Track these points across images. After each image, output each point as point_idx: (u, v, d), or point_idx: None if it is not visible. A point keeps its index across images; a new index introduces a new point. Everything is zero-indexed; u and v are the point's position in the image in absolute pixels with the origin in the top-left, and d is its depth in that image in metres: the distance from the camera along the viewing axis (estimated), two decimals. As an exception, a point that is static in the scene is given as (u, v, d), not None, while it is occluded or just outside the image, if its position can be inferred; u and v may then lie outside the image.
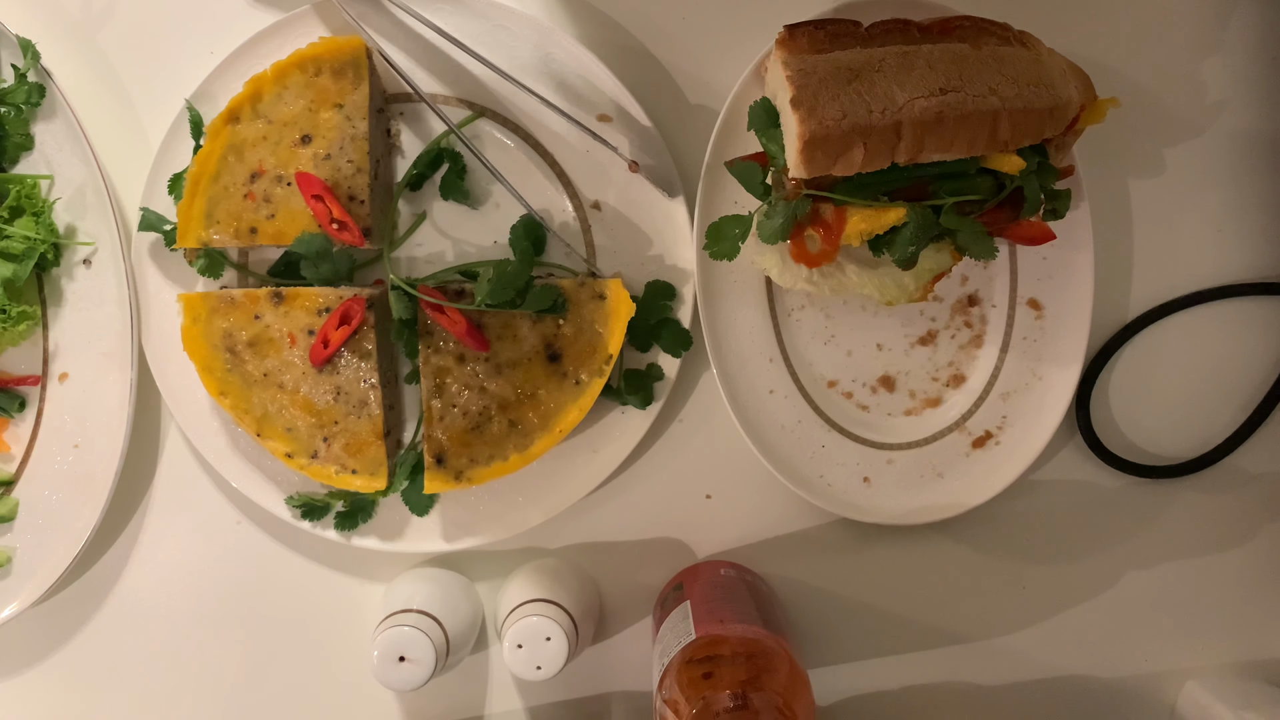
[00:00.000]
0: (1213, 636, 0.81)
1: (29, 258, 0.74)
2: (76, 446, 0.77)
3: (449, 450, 0.73)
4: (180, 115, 0.73)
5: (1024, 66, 0.66)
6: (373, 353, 0.73)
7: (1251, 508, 0.80)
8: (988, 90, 0.64)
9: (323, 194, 0.72)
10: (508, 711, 0.81)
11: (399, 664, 0.70)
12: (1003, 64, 0.65)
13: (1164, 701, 0.81)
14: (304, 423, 0.74)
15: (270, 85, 0.72)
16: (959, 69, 0.64)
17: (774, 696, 0.62)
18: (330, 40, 0.72)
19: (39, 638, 0.81)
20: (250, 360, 0.73)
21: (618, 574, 0.80)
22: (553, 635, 0.71)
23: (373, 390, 0.73)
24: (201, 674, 0.82)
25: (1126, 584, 0.81)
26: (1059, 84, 0.66)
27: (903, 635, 0.81)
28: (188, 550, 0.81)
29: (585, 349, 0.73)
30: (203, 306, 0.73)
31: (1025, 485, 0.79)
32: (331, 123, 0.72)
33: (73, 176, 0.76)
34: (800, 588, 0.80)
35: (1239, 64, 0.77)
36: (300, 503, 0.75)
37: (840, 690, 0.81)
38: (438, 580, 0.78)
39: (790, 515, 0.80)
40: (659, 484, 0.79)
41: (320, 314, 0.73)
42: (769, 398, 0.76)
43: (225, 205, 0.72)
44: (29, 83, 0.74)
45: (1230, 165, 0.77)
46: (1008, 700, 0.81)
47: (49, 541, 0.77)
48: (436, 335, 0.73)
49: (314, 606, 0.81)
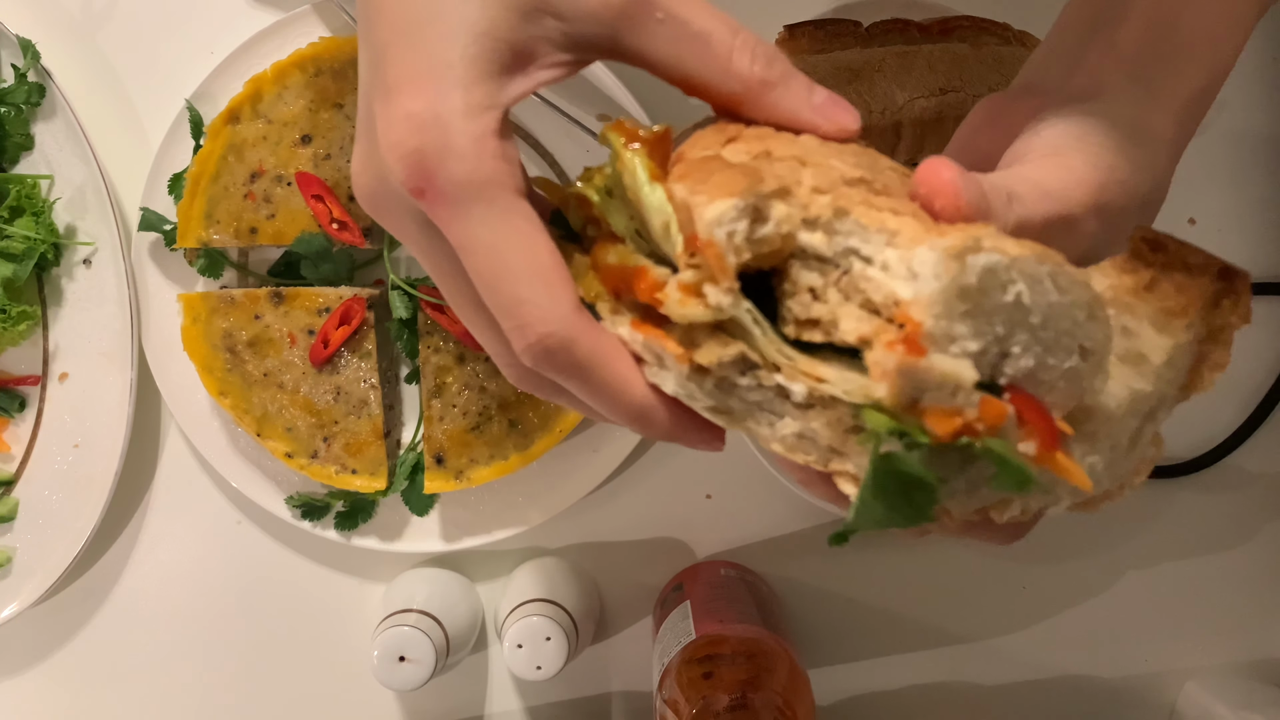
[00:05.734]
0: (1213, 636, 0.81)
1: (29, 258, 0.74)
2: (76, 446, 0.77)
3: (449, 450, 0.73)
4: (180, 115, 0.73)
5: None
6: (373, 353, 0.73)
7: (1251, 508, 0.80)
8: (988, 90, 0.64)
9: (323, 194, 0.72)
10: (508, 711, 0.81)
11: (399, 664, 0.70)
12: (1003, 64, 0.65)
13: (1164, 701, 0.81)
14: (304, 423, 0.74)
15: (270, 85, 0.72)
16: (959, 69, 0.64)
17: (774, 696, 0.62)
18: (330, 40, 0.72)
19: (39, 638, 0.81)
20: (250, 360, 0.73)
21: (618, 574, 0.80)
22: (553, 635, 0.71)
23: (373, 390, 0.73)
24: (201, 674, 0.82)
25: (1126, 584, 0.81)
26: (1059, 84, 0.66)
27: (903, 635, 0.81)
28: (188, 550, 0.81)
29: (585, 349, 0.73)
30: (203, 306, 0.73)
31: (1025, 485, 0.79)
32: (332, 123, 0.72)
33: (73, 176, 0.76)
34: (800, 588, 0.80)
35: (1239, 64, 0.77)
36: (300, 503, 0.75)
37: (840, 690, 0.81)
38: (438, 580, 0.78)
39: (790, 515, 0.80)
40: (659, 484, 0.79)
41: (320, 314, 0.73)
42: (769, 398, 0.76)
43: (225, 205, 0.72)
44: (29, 83, 0.74)
45: (1230, 165, 0.77)
46: (1008, 700, 0.81)
47: (49, 541, 0.77)
48: (436, 335, 0.73)
49: (314, 606, 0.81)
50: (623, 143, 0.39)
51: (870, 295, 0.35)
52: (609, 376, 0.38)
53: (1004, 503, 0.38)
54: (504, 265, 0.37)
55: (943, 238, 0.34)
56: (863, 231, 0.35)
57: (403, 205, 0.40)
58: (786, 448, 0.38)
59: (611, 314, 0.39)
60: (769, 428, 0.38)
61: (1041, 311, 0.35)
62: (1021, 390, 0.35)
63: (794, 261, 0.37)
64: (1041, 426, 0.35)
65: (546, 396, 0.42)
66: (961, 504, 0.37)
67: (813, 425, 0.37)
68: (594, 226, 0.41)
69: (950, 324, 0.33)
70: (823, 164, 0.38)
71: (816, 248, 0.36)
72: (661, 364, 0.38)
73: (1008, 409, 0.34)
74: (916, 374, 0.33)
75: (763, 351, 0.37)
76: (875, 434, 0.34)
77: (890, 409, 0.34)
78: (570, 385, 0.39)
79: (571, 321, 0.37)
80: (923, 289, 0.33)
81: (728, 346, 0.37)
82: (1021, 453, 0.35)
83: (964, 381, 0.34)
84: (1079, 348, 0.36)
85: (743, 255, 0.36)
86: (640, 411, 0.39)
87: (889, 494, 0.34)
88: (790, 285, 0.37)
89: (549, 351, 0.37)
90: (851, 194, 0.37)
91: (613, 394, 0.39)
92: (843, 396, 0.35)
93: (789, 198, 0.36)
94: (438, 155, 0.37)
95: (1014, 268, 0.34)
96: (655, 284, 0.37)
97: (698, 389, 0.38)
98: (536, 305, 0.37)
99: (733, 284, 0.36)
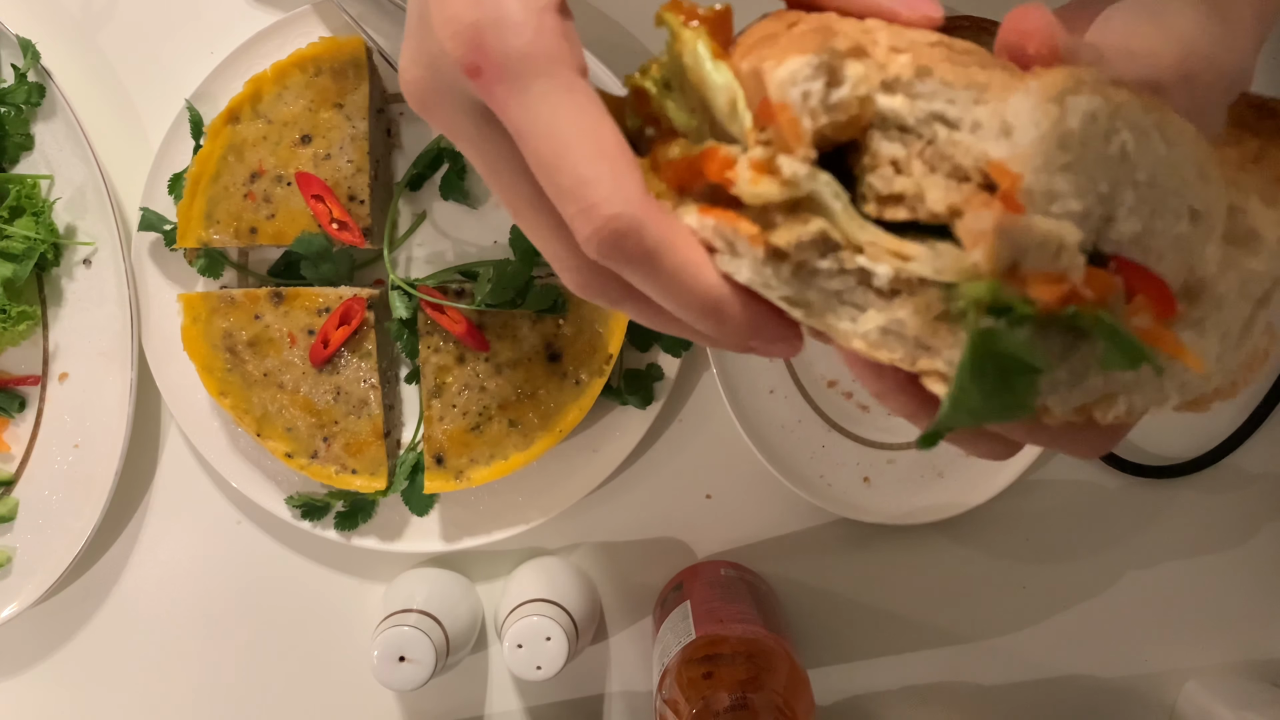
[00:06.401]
0: (1213, 636, 0.81)
1: (29, 258, 0.74)
2: (76, 446, 0.77)
3: (449, 450, 0.74)
4: (180, 115, 0.73)
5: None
6: (373, 353, 0.73)
7: (1251, 508, 0.80)
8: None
9: (323, 194, 0.72)
10: (508, 711, 0.81)
11: (399, 664, 0.70)
12: (1003, 64, 0.65)
13: (1164, 701, 0.81)
14: (304, 423, 0.74)
15: (270, 85, 0.72)
16: (959, 69, 0.64)
17: (774, 696, 0.62)
18: (330, 40, 0.72)
19: (39, 638, 0.81)
20: (250, 360, 0.73)
21: (618, 574, 0.80)
22: (553, 635, 0.71)
23: (373, 390, 0.73)
24: (201, 674, 0.82)
25: (1126, 584, 0.81)
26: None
27: (903, 635, 0.81)
28: (188, 550, 0.81)
29: (585, 349, 0.73)
30: (203, 306, 0.73)
31: (1025, 485, 0.79)
32: (331, 123, 0.72)
33: (73, 176, 0.76)
34: (800, 588, 0.80)
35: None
36: (300, 503, 0.75)
37: (840, 690, 0.81)
38: (438, 580, 0.78)
39: (790, 515, 0.80)
40: (659, 484, 0.79)
41: (320, 314, 0.73)
42: (769, 397, 0.76)
43: (225, 205, 0.72)
44: (29, 83, 0.74)
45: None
46: (1008, 700, 0.81)
47: (49, 541, 0.77)
48: (436, 335, 0.73)
49: (314, 606, 0.81)
50: (681, 21, 0.36)
51: (959, 161, 0.32)
52: (680, 262, 0.35)
53: (1108, 399, 0.34)
54: (566, 145, 0.35)
55: (1038, 80, 0.30)
56: (948, 90, 0.32)
57: (455, 96, 0.38)
58: (870, 344, 0.34)
59: (676, 210, 0.36)
60: (850, 322, 0.34)
61: (1148, 167, 0.31)
62: (1128, 259, 0.32)
63: (873, 132, 0.34)
64: (1154, 295, 0.32)
65: (610, 303, 0.39)
66: (1063, 399, 0.33)
67: (899, 315, 0.33)
68: (653, 127, 0.39)
69: (1050, 178, 0.30)
70: (898, 31, 0.35)
71: (898, 113, 0.33)
72: (734, 250, 0.35)
73: (1116, 280, 0.31)
74: (1016, 234, 0.30)
75: (844, 229, 0.33)
76: (974, 305, 0.31)
77: (989, 279, 0.30)
78: (638, 276, 0.36)
79: (641, 201, 0.34)
80: (1020, 139, 0.30)
81: (807, 224, 0.33)
82: (1134, 327, 0.31)
83: (1068, 242, 0.30)
84: (1188, 210, 0.33)
85: (819, 119, 0.32)
86: (715, 303, 0.35)
87: (987, 379, 0.31)
88: (870, 159, 0.34)
89: (618, 235, 0.34)
90: (933, 53, 0.33)
91: (684, 284, 0.35)
92: (932, 275, 0.32)
93: (865, 57, 0.33)
94: (495, 28, 0.35)
95: (1119, 115, 0.30)
96: (725, 162, 0.34)
97: (774, 275, 0.34)
98: (603, 184, 0.34)
99: (809, 151, 0.33)
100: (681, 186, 0.36)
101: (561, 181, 0.35)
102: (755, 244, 0.34)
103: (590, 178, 0.34)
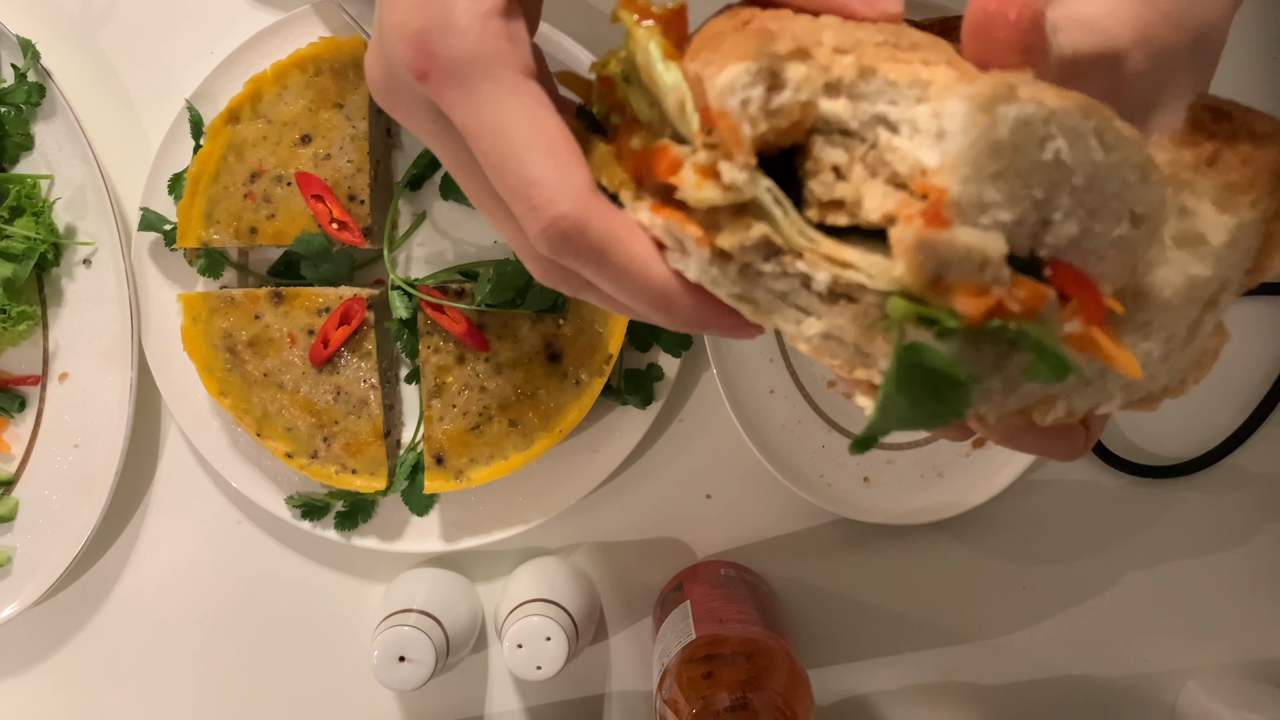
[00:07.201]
0: (1213, 636, 0.81)
1: (29, 258, 0.74)
2: (76, 446, 0.77)
3: (449, 450, 0.74)
4: (180, 115, 0.73)
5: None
6: (373, 353, 0.73)
7: (1251, 508, 0.80)
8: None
9: (323, 194, 0.72)
10: (508, 711, 0.81)
11: (399, 664, 0.70)
12: (1003, 64, 0.65)
13: (1164, 701, 0.81)
14: (304, 423, 0.74)
15: (270, 85, 0.72)
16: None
17: (774, 696, 0.62)
18: (330, 40, 0.72)
19: (39, 638, 0.81)
20: (250, 360, 0.73)
21: (618, 574, 0.80)
22: (553, 635, 0.71)
23: (373, 390, 0.73)
24: (201, 673, 0.82)
25: (1126, 584, 0.81)
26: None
27: (903, 635, 0.81)
28: (188, 550, 0.81)
29: (585, 349, 0.73)
30: (203, 306, 0.73)
31: (1025, 485, 0.79)
32: (331, 123, 0.72)
33: (73, 176, 0.76)
34: (800, 588, 0.80)
35: (1239, 64, 0.77)
36: (300, 503, 0.75)
37: (840, 690, 0.81)
38: (438, 580, 0.78)
39: (790, 515, 0.80)
40: (659, 484, 0.79)
41: (320, 314, 0.73)
42: (769, 398, 0.76)
43: (225, 205, 0.72)
44: (29, 83, 0.74)
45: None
46: (1008, 700, 0.81)
47: (49, 541, 0.77)
48: (436, 335, 0.73)
49: (314, 606, 0.81)
50: (635, 19, 0.36)
51: (896, 167, 0.31)
52: (627, 258, 0.36)
53: (1046, 402, 0.34)
54: (511, 145, 0.35)
55: (974, 85, 0.30)
56: (892, 90, 0.32)
57: (413, 94, 0.38)
58: (813, 348, 0.34)
59: (634, 201, 0.36)
60: (795, 325, 0.34)
61: (1085, 172, 0.31)
62: (1064, 263, 0.32)
63: (816, 137, 0.33)
64: (1085, 300, 0.31)
65: (571, 292, 0.40)
66: (998, 405, 0.33)
67: (839, 321, 0.33)
68: (618, 114, 0.39)
69: (980, 188, 0.30)
70: (846, 29, 0.34)
71: (840, 117, 0.32)
72: (683, 249, 0.35)
73: (1047, 291, 0.30)
74: (937, 248, 0.30)
75: (785, 235, 0.33)
76: (897, 320, 0.31)
77: (915, 291, 0.30)
78: (588, 271, 0.36)
79: (584, 201, 0.35)
80: (949, 148, 0.30)
81: (750, 229, 0.34)
82: (1063, 335, 0.31)
83: (991, 255, 0.30)
84: (1130, 213, 0.32)
85: (759, 127, 0.32)
86: (662, 295, 0.36)
87: (914, 389, 0.30)
88: (813, 164, 0.34)
89: (563, 235, 0.35)
90: (877, 53, 0.33)
91: (632, 277, 0.36)
92: (867, 282, 0.31)
93: (808, 59, 0.33)
94: (440, 33, 0.36)
95: (1053, 121, 0.30)
96: (674, 163, 0.34)
97: (721, 275, 0.35)
98: (547, 185, 0.35)
99: (749, 159, 0.32)
100: (639, 177, 0.37)
101: (509, 183, 0.36)
102: (702, 245, 0.34)
103: (536, 178, 0.35)
